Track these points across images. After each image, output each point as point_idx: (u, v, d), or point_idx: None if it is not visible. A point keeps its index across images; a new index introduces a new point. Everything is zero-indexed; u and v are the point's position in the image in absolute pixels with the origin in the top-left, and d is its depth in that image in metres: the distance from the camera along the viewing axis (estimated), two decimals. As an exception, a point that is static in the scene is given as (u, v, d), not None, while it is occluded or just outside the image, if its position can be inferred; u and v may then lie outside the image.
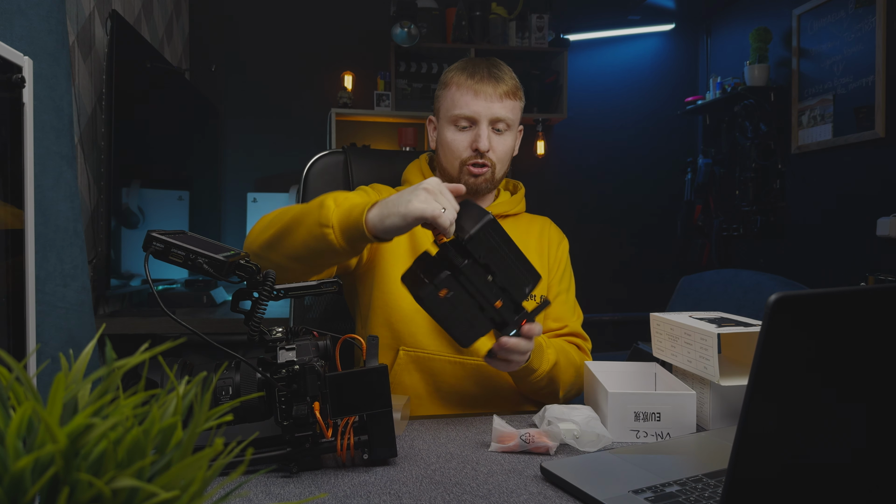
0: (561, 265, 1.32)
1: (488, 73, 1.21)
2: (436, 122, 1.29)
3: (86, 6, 2.02)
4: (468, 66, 1.23)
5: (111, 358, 0.35)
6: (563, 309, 1.28)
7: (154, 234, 0.74)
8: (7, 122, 0.78)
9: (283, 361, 0.78)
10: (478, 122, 1.20)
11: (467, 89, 1.20)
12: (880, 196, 2.75)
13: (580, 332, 1.29)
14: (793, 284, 1.92)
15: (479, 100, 1.19)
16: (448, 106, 1.23)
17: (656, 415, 0.93)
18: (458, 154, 1.22)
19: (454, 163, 1.22)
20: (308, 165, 1.45)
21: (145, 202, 2.26)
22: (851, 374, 0.55)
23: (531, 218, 1.36)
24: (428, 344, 1.16)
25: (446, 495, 0.73)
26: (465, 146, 1.21)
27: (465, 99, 1.20)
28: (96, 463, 0.31)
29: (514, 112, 1.23)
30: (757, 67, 3.32)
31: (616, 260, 3.96)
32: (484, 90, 1.19)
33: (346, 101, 3.38)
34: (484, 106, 1.19)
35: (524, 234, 1.30)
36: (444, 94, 1.24)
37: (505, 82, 1.21)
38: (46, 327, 1.15)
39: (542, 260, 1.28)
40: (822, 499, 0.57)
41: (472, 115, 1.19)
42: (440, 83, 1.27)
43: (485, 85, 1.19)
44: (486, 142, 1.19)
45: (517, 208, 1.32)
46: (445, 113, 1.23)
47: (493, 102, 1.19)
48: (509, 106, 1.21)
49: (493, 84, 1.20)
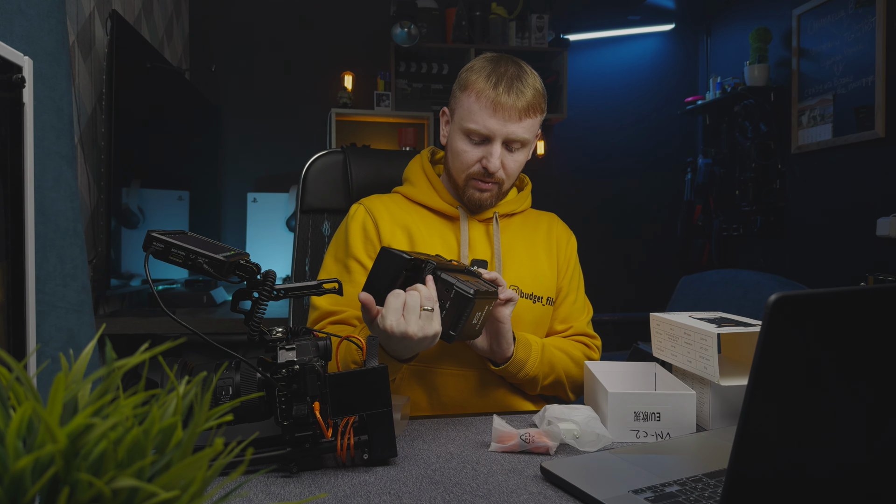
0: (570, 265, 1.29)
1: (511, 84, 1.11)
2: (449, 118, 1.21)
3: (86, 6, 2.02)
4: (492, 72, 1.13)
5: (111, 358, 0.35)
6: (570, 310, 1.26)
7: (154, 234, 0.74)
8: (7, 122, 0.78)
9: (283, 361, 0.78)
10: (492, 140, 1.13)
11: (486, 102, 1.11)
12: (880, 196, 2.75)
13: (587, 332, 1.26)
14: (793, 284, 1.93)
15: (496, 117, 1.11)
16: (464, 115, 1.15)
17: (656, 415, 0.93)
18: (467, 167, 1.16)
19: (461, 174, 1.18)
20: (307, 165, 1.45)
21: (145, 202, 2.26)
22: (851, 373, 0.55)
23: (538, 215, 1.33)
24: (429, 357, 1.14)
25: (446, 495, 0.73)
26: (474, 161, 1.15)
27: (482, 114, 1.12)
28: (96, 463, 0.31)
29: (532, 130, 1.16)
30: (757, 67, 3.32)
31: (616, 260, 3.96)
32: (503, 106, 1.10)
33: (346, 101, 3.38)
34: (500, 125, 1.11)
35: (531, 233, 1.27)
36: (463, 98, 1.15)
37: (527, 97, 1.12)
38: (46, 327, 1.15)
39: (550, 260, 1.26)
40: (822, 499, 0.57)
41: (488, 133, 1.12)
42: (460, 80, 1.18)
43: (505, 98, 1.10)
44: (496, 162, 1.13)
45: (524, 205, 1.29)
46: (460, 120, 1.15)
47: (510, 122, 1.11)
48: (528, 125, 1.13)
49: (515, 98, 1.11)
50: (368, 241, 1.19)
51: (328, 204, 1.46)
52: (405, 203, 1.25)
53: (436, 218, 1.23)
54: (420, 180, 1.26)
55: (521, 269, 1.21)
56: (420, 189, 1.24)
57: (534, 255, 1.24)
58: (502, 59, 1.16)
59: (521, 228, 1.27)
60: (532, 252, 1.24)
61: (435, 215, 1.23)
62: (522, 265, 1.21)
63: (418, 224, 1.20)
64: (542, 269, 1.24)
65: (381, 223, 1.19)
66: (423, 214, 1.23)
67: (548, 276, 1.24)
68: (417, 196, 1.24)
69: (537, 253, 1.25)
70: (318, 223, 1.46)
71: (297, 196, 1.46)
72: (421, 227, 1.20)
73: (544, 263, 1.25)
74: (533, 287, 1.20)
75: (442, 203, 1.22)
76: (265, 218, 3.10)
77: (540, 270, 1.23)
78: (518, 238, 1.25)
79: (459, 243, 1.20)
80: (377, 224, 1.19)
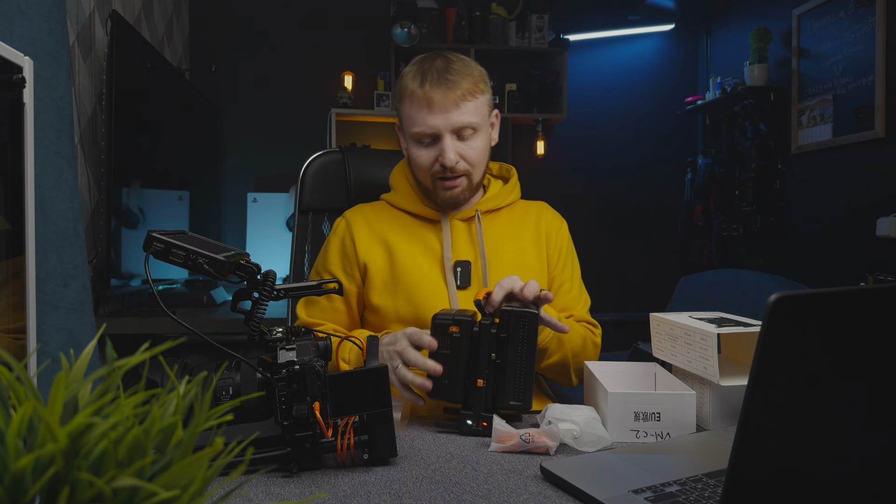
0: (562, 252, 1.27)
1: (439, 76, 1.10)
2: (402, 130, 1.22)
3: (86, 6, 2.02)
4: (418, 72, 1.13)
5: (111, 358, 0.35)
6: (567, 298, 1.25)
7: (154, 234, 0.74)
8: (7, 122, 0.78)
9: (284, 361, 0.78)
10: (440, 136, 1.12)
11: (420, 101, 1.11)
12: (880, 196, 2.75)
13: (587, 319, 1.25)
14: (793, 284, 1.92)
15: (434, 113, 1.10)
16: (406, 122, 1.16)
17: (656, 415, 0.93)
18: (427, 169, 1.16)
19: (425, 178, 1.18)
20: (305, 165, 1.45)
21: (145, 202, 2.26)
22: (851, 373, 0.55)
23: (526, 206, 1.31)
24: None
25: (446, 495, 0.73)
26: (431, 161, 1.15)
27: (420, 115, 1.11)
28: (97, 462, 0.31)
29: (479, 111, 1.14)
30: (757, 67, 3.32)
31: (616, 260, 3.96)
32: (437, 100, 1.10)
33: (346, 101, 3.38)
34: (441, 118, 1.10)
35: (518, 227, 1.26)
36: (402, 106, 1.16)
37: (458, 84, 1.10)
38: (46, 327, 1.16)
39: (539, 252, 1.25)
40: (821, 499, 0.57)
41: (432, 130, 1.12)
42: (397, 90, 1.18)
43: (436, 92, 1.09)
44: (451, 155, 1.12)
45: (511, 198, 1.27)
46: (406, 129, 1.17)
47: (449, 112, 1.10)
48: (470, 108, 1.12)
49: (445, 89, 1.10)
50: (346, 258, 1.22)
51: (326, 204, 1.46)
52: (389, 212, 1.26)
53: (419, 223, 1.24)
54: (402, 186, 1.27)
55: (508, 265, 1.20)
56: (402, 195, 1.26)
57: (521, 250, 1.23)
58: (429, 56, 1.16)
59: (507, 223, 1.26)
60: (519, 246, 1.23)
61: (419, 220, 1.24)
62: (509, 262, 1.21)
63: (398, 233, 1.22)
64: (531, 263, 1.23)
65: (357, 238, 1.22)
66: (407, 221, 1.24)
67: (537, 269, 1.23)
68: (400, 203, 1.25)
69: (525, 247, 1.24)
70: (318, 223, 1.46)
71: (296, 196, 1.46)
72: (401, 236, 1.21)
73: (533, 257, 1.24)
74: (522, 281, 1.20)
75: (423, 208, 1.23)
76: (265, 218, 3.10)
77: (528, 265, 1.22)
78: (504, 233, 1.24)
79: (443, 246, 1.20)
80: (354, 239, 1.22)
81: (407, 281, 1.17)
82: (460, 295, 1.17)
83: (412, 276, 1.17)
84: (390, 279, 1.19)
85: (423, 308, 1.15)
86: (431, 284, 1.17)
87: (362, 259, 1.21)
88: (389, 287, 1.18)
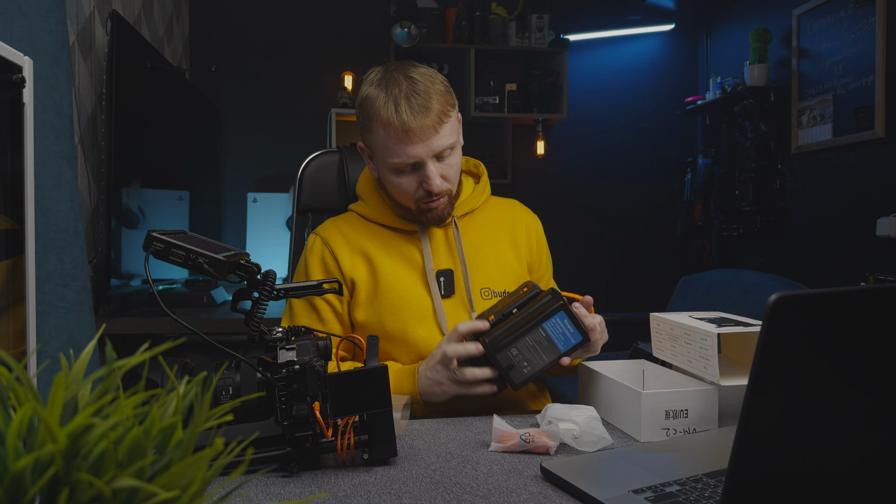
0: (542, 251, 1.28)
1: (410, 100, 1.05)
2: (371, 154, 1.16)
3: (86, 6, 2.02)
4: (387, 97, 1.06)
5: (111, 358, 0.35)
6: None
7: (154, 234, 0.74)
8: (7, 122, 0.78)
9: (284, 361, 0.78)
10: (423, 164, 1.08)
11: (397, 132, 1.05)
12: (880, 196, 2.75)
13: None
14: (793, 284, 1.92)
15: (414, 143, 1.06)
16: (382, 152, 1.10)
17: (684, 412, 0.92)
18: (410, 196, 1.13)
19: (408, 203, 1.15)
20: (303, 165, 1.45)
21: (145, 202, 2.26)
22: (851, 373, 0.55)
23: (499, 204, 1.29)
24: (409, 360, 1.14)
25: (446, 495, 0.73)
26: (414, 189, 1.12)
27: (400, 146, 1.07)
28: (96, 463, 0.31)
29: (453, 128, 1.10)
30: (757, 67, 3.32)
31: (616, 260, 3.96)
32: (414, 128, 1.05)
33: (346, 101, 3.38)
34: (421, 147, 1.06)
35: (494, 228, 1.24)
36: (373, 136, 1.10)
37: (431, 107, 1.05)
38: (46, 327, 1.16)
39: (517, 252, 1.24)
40: (822, 499, 0.57)
41: (414, 160, 1.08)
42: (362, 117, 1.11)
43: (413, 120, 1.04)
44: (438, 181, 1.09)
45: (482, 198, 1.26)
46: (382, 158, 1.11)
47: (430, 139, 1.06)
48: (447, 130, 1.08)
49: (422, 116, 1.05)
50: (329, 276, 1.18)
51: (325, 204, 1.46)
52: (363, 224, 1.22)
53: (394, 234, 1.20)
54: (372, 199, 1.23)
55: (489, 269, 1.20)
56: (373, 207, 1.22)
57: (499, 252, 1.23)
58: (388, 76, 1.10)
59: (483, 225, 1.24)
60: (497, 249, 1.23)
61: (394, 232, 1.21)
62: (489, 265, 1.20)
63: (377, 246, 1.19)
64: (510, 263, 1.22)
65: (339, 254, 1.18)
66: (382, 233, 1.20)
67: (516, 269, 1.22)
68: (372, 215, 1.21)
69: (502, 249, 1.23)
70: (317, 223, 1.46)
71: (294, 196, 1.46)
72: (380, 249, 1.18)
73: (511, 257, 1.23)
74: (504, 284, 1.19)
75: (398, 221, 1.20)
76: (265, 218, 3.10)
77: (508, 266, 1.22)
78: (481, 236, 1.23)
79: (423, 257, 1.17)
80: (336, 256, 1.18)
81: (392, 296, 1.14)
82: (445, 304, 1.15)
83: (397, 290, 1.15)
84: (374, 294, 1.15)
85: (411, 322, 1.13)
86: (415, 297, 1.15)
87: (348, 275, 1.17)
88: (374, 302, 1.15)
